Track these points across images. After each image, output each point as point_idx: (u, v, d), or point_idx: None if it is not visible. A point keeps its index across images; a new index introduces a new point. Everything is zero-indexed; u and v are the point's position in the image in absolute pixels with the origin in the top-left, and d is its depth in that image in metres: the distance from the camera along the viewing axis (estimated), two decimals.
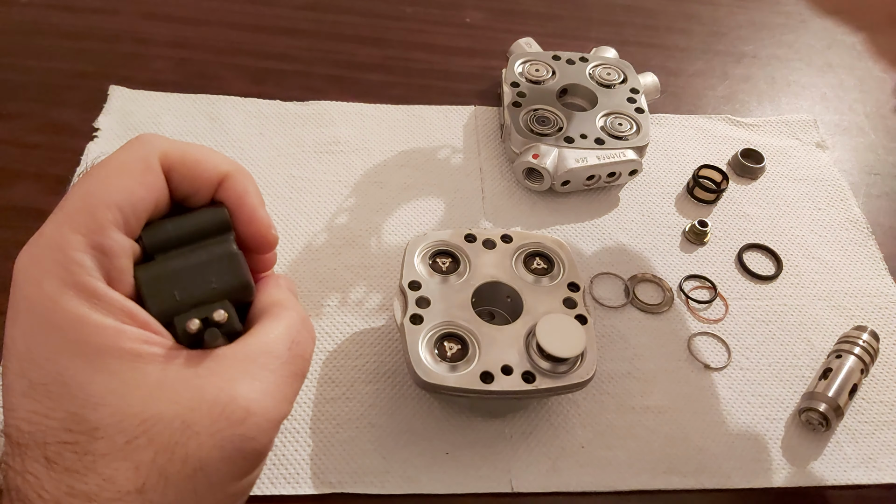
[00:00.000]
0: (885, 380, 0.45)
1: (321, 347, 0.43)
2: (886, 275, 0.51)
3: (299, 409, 0.40)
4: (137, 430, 0.23)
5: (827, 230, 0.53)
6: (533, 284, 0.42)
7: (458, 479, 0.39)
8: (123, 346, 0.24)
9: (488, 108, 0.59)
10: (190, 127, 0.54)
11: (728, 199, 0.55)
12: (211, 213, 0.28)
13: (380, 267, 0.48)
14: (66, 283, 0.24)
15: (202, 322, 0.26)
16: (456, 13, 0.67)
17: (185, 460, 0.23)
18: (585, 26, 0.68)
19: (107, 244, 0.25)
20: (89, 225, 0.25)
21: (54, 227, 0.25)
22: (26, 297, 0.24)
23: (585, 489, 0.39)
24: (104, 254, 0.25)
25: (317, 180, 0.52)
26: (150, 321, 0.25)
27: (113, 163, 0.26)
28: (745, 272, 0.50)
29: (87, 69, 0.57)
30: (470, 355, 0.38)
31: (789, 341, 0.47)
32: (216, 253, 0.27)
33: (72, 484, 0.22)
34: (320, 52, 0.62)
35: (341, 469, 0.39)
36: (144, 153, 0.27)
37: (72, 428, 0.23)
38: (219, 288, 0.27)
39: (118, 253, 0.25)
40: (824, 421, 0.41)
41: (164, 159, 0.27)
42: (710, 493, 0.40)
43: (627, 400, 0.43)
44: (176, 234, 0.27)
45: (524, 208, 0.52)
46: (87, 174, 0.26)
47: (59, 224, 0.25)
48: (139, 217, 0.26)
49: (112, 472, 0.23)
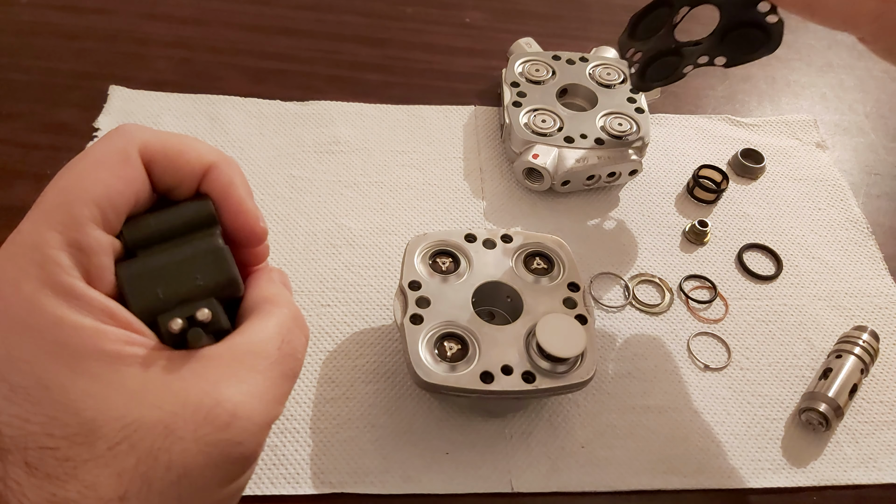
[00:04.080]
0: (885, 380, 0.45)
1: (321, 347, 0.43)
2: (886, 275, 0.51)
3: (299, 409, 0.40)
4: (119, 435, 0.22)
5: (827, 230, 0.53)
6: (533, 284, 0.42)
7: (458, 479, 0.39)
8: (104, 347, 0.23)
9: (488, 108, 0.59)
10: (190, 127, 0.54)
11: (728, 199, 0.55)
12: (195, 205, 0.27)
13: (380, 267, 0.48)
14: (43, 282, 0.23)
15: (186, 321, 0.24)
16: (456, 13, 0.67)
17: (168, 467, 0.22)
18: (585, 26, 0.68)
19: (85, 241, 0.24)
20: (66, 222, 0.24)
21: (31, 225, 0.24)
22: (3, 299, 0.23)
23: (585, 489, 0.39)
24: (82, 251, 0.24)
25: (317, 180, 0.52)
26: (132, 321, 0.24)
27: (90, 156, 0.25)
28: (745, 272, 0.50)
29: (88, 69, 0.57)
30: (470, 355, 0.38)
31: (789, 341, 0.47)
32: (201, 248, 0.26)
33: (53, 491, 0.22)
34: (320, 52, 0.62)
35: (341, 469, 0.39)
36: (123, 145, 0.26)
37: (53, 433, 0.22)
38: (204, 284, 0.25)
39: (97, 250, 0.24)
40: (824, 421, 0.41)
41: (144, 150, 0.26)
42: (710, 493, 0.40)
43: (627, 400, 0.43)
44: (158, 228, 0.26)
45: (524, 208, 0.52)
46: (65, 168, 0.25)
47: (35, 222, 0.24)
48: (118, 212, 0.25)
49: (94, 478, 0.22)
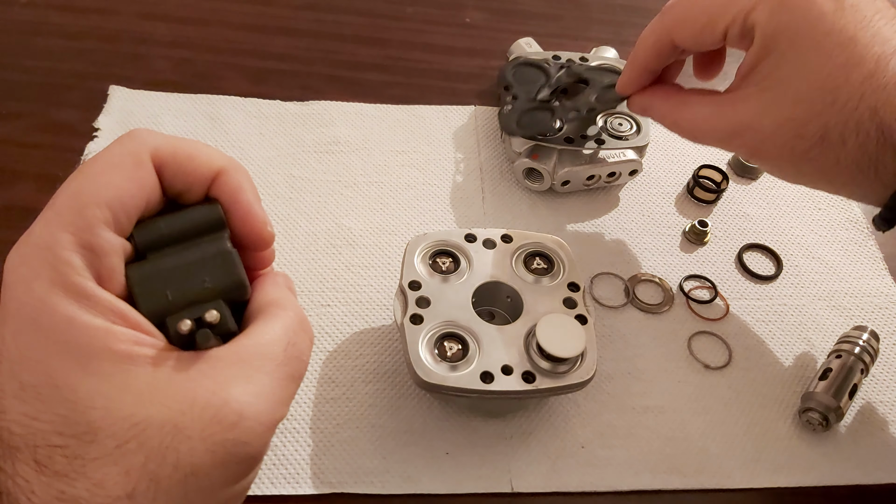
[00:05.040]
0: (885, 380, 0.45)
1: (321, 347, 0.43)
2: (886, 275, 0.51)
3: (299, 409, 0.40)
4: (128, 434, 0.23)
5: (827, 230, 0.53)
6: (533, 284, 0.42)
7: (458, 479, 0.39)
8: (114, 347, 0.23)
9: (488, 108, 0.59)
10: (190, 127, 0.54)
11: (728, 199, 0.55)
12: (204, 209, 0.27)
13: (380, 267, 0.48)
14: (55, 283, 0.23)
15: (195, 322, 0.25)
16: (456, 13, 0.67)
17: (176, 465, 0.23)
18: (585, 26, 0.68)
19: (96, 243, 0.24)
20: (78, 223, 0.24)
21: (43, 227, 0.24)
22: (15, 298, 0.24)
23: (585, 489, 0.39)
24: (94, 253, 0.24)
25: (317, 180, 0.52)
26: (141, 322, 0.25)
27: (102, 159, 0.26)
28: (745, 272, 0.50)
29: (88, 69, 0.57)
30: (470, 355, 0.38)
31: (789, 341, 0.47)
32: (210, 251, 0.26)
33: (62, 488, 0.22)
34: (320, 52, 0.62)
35: (341, 469, 0.39)
36: (135, 149, 0.26)
37: (62, 431, 0.23)
38: (212, 287, 0.26)
39: (108, 252, 0.25)
40: (824, 421, 0.41)
41: (155, 155, 0.26)
42: (710, 493, 0.40)
43: (627, 400, 0.43)
44: (168, 231, 0.26)
45: (524, 208, 0.52)
46: (77, 171, 0.26)
47: (48, 223, 0.24)
48: (130, 215, 0.26)
49: (102, 476, 0.22)
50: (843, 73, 0.34)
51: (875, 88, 0.34)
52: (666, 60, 0.42)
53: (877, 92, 0.34)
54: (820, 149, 0.35)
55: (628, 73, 0.43)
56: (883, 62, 0.34)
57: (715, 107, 0.39)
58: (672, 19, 0.40)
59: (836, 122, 0.35)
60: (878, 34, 0.34)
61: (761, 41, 0.36)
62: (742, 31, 0.37)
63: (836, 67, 0.34)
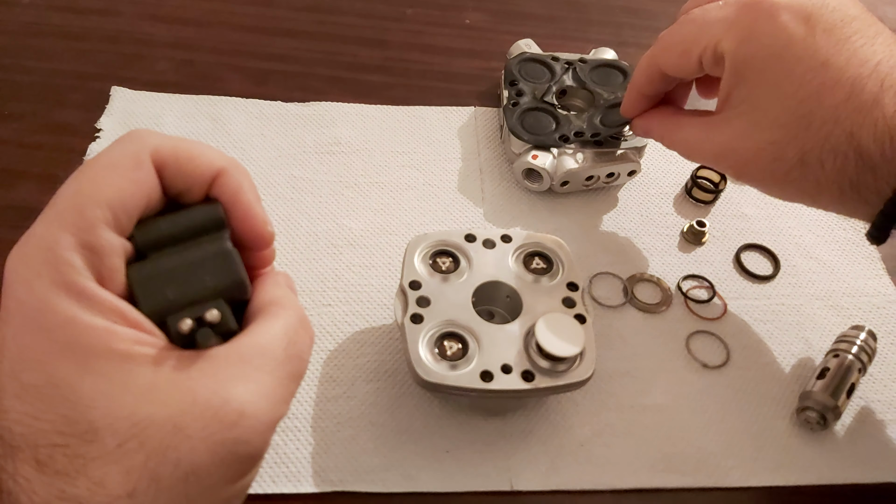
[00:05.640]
0: (882, 379, 0.46)
1: (322, 346, 0.44)
2: (884, 274, 0.51)
3: (300, 408, 0.41)
4: (128, 433, 0.23)
5: (825, 230, 0.54)
6: (532, 284, 0.42)
7: (458, 478, 0.39)
8: (114, 346, 0.23)
9: (488, 109, 0.59)
10: (192, 128, 0.54)
11: (726, 200, 0.55)
12: (205, 209, 0.27)
13: (380, 267, 0.48)
14: (56, 283, 0.24)
15: (195, 322, 0.25)
16: (456, 14, 0.68)
17: (176, 464, 0.23)
18: (584, 28, 0.68)
19: (97, 243, 0.24)
20: (79, 224, 0.24)
21: (44, 227, 0.25)
22: (16, 298, 0.24)
23: (584, 487, 0.40)
24: (94, 253, 0.24)
25: (318, 181, 0.52)
26: (142, 321, 0.25)
27: (103, 160, 0.26)
28: (743, 272, 0.50)
29: (89, 70, 0.58)
30: (470, 354, 0.38)
31: (787, 341, 0.47)
32: (210, 251, 0.26)
33: (62, 487, 0.22)
34: (321, 54, 0.62)
35: (342, 467, 0.39)
36: (135, 149, 0.26)
37: (63, 430, 0.23)
38: (213, 286, 0.26)
39: (109, 252, 0.25)
40: (822, 420, 0.42)
41: (155, 155, 0.26)
42: (708, 492, 0.40)
43: (626, 399, 0.43)
44: (169, 231, 0.26)
45: (524, 208, 0.52)
46: (78, 172, 0.26)
47: (48, 223, 0.25)
48: (130, 215, 0.26)
49: (102, 475, 0.22)
50: (815, 98, 0.34)
51: (851, 112, 0.34)
52: (661, 86, 0.43)
53: (852, 115, 0.34)
54: (800, 171, 0.36)
55: (628, 98, 0.45)
56: (859, 85, 0.34)
57: (703, 129, 0.40)
58: (659, 48, 0.41)
59: (813, 146, 0.35)
60: (854, 56, 0.34)
61: (732, 69, 0.37)
62: (714, 60, 0.38)
63: (808, 93, 0.35)
